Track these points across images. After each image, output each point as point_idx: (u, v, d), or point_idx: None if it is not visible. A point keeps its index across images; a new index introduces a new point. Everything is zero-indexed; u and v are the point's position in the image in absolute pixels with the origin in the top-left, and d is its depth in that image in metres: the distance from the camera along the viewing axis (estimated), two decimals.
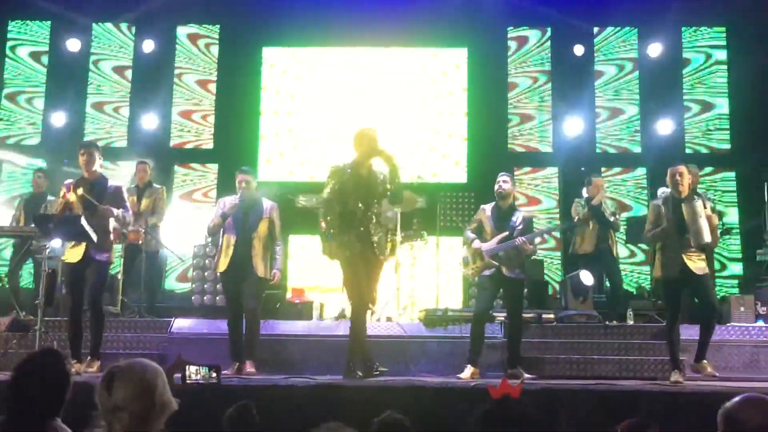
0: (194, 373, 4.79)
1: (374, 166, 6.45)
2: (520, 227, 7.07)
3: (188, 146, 11.87)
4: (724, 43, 11.93)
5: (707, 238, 6.44)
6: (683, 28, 11.91)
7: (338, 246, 6.32)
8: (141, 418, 2.63)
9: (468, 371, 6.81)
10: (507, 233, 7.00)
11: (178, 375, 4.49)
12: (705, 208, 6.56)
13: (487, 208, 7.20)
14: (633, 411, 5.15)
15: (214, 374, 4.91)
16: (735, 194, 11.44)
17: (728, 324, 8.01)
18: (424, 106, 11.82)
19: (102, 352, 6.61)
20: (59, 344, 6.73)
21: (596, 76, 11.95)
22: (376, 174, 6.43)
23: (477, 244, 7.05)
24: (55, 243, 6.55)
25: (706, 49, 11.95)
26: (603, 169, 11.38)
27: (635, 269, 11.24)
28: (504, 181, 7.13)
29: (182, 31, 12.06)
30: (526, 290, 8.00)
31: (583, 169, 11.01)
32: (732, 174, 11.56)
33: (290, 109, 11.87)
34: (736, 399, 2.70)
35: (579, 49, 11.66)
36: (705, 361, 6.55)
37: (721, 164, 11.60)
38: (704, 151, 11.69)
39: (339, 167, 6.42)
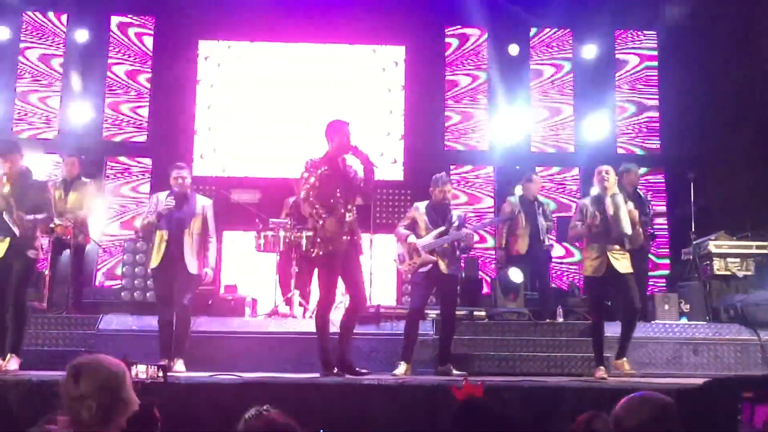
0: (142, 372, 4.75)
1: (348, 160, 6.43)
2: (456, 224, 7.15)
3: (121, 139, 11.63)
4: (655, 46, 12.23)
5: (627, 229, 6.67)
6: (616, 31, 12.16)
7: (322, 241, 6.23)
8: (105, 410, 2.68)
9: (402, 368, 6.82)
10: (443, 228, 7.06)
11: None
12: (626, 203, 6.79)
13: (421, 206, 7.20)
14: (557, 407, 5.27)
15: (161, 373, 4.87)
16: (664, 194, 11.75)
17: (653, 321, 8.23)
18: (361, 103, 11.81)
19: (25, 349, 6.46)
20: None
21: (532, 75, 12.13)
22: (351, 168, 6.42)
23: (413, 239, 7.06)
24: None
25: (638, 51, 12.24)
26: (537, 168, 11.60)
27: (569, 268, 11.45)
28: (448, 192, 7.19)
29: (116, 22, 11.81)
30: (459, 288, 8.07)
31: (517, 167, 11.17)
32: (661, 174, 11.87)
33: (226, 104, 11.75)
34: (623, 399, 2.75)
35: (514, 49, 11.83)
36: (624, 359, 6.74)
37: (651, 165, 11.88)
38: (635, 151, 11.96)
39: (315, 161, 6.35)
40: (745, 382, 3.32)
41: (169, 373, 6.36)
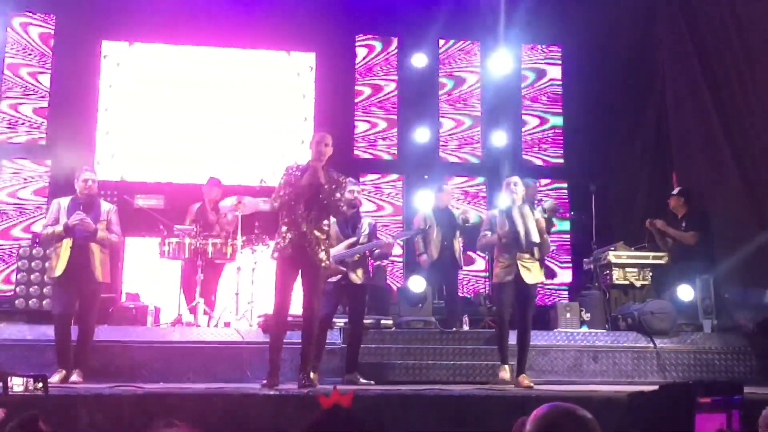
0: (18, 384, 4.55)
1: (325, 172, 6.29)
2: (366, 232, 7.21)
3: (18, 141, 11.13)
4: (559, 60, 12.57)
5: (536, 238, 6.86)
6: (522, 45, 12.43)
7: (278, 247, 6.21)
8: None
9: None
10: (354, 239, 7.13)
11: None
12: (533, 213, 6.99)
13: None
14: (462, 414, 5.32)
15: (40, 384, 4.67)
16: (567, 205, 12.05)
17: (555, 329, 8.41)
18: (271, 109, 11.71)
19: None
20: None
21: (440, 86, 12.27)
22: (326, 179, 6.26)
23: None
24: None
25: (544, 65, 12.56)
26: (445, 177, 11.77)
27: (474, 276, 11.60)
28: (352, 192, 7.19)
29: (14, 18, 11.34)
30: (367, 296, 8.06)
31: (426, 177, 11.25)
32: (564, 185, 12.18)
33: (129, 106, 11.41)
34: (542, 408, 2.74)
35: (420, 60, 11.92)
36: (524, 375, 6.86)
37: (555, 176, 12.19)
38: (539, 163, 12.26)
39: (291, 167, 6.35)
40: (702, 386, 3.35)
41: (65, 385, 6.19)
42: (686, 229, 9.01)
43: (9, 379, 4.49)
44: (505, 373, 6.78)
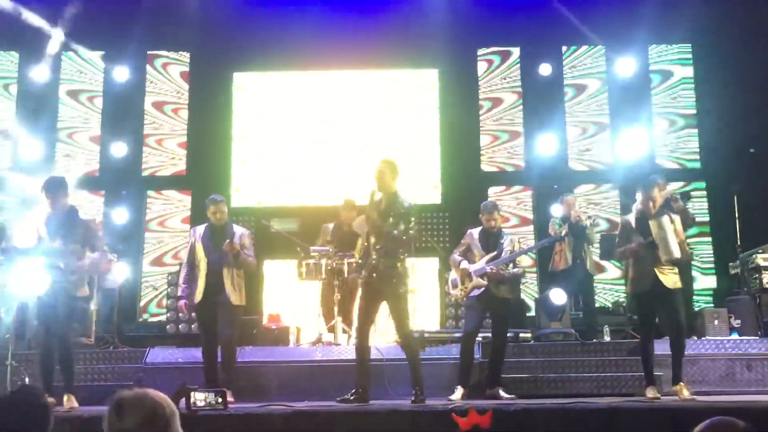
0: (201, 399, 4.72)
1: (396, 198, 6.51)
2: (509, 248, 7.21)
3: (161, 173, 11.76)
4: (690, 59, 12.10)
5: (677, 253, 6.48)
6: (650, 46, 12.06)
7: (360, 273, 6.55)
8: None
9: (458, 392, 6.81)
10: (495, 253, 7.15)
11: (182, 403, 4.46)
12: (672, 222, 6.59)
13: (475, 232, 7.31)
14: (610, 428, 5.17)
15: (220, 399, 4.84)
16: (706, 209, 11.55)
17: (703, 338, 8.07)
18: (396, 128, 11.84)
19: (77, 386, 6.48)
20: (31, 378, 6.61)
21: (566, 93, 12.07)
22: (393, 206, 6.46)
23: (465, 264, 7.16)
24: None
25: (673, 65, 12.14)
26: (577, 185, 11.55)
27: (612, 285, 11.29)
28: (494, 220, 7.26)
29: (153, 58, 12.00)
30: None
31: (555, 186, 11.07)
32: (702, 187, 11.68)
33: (262, 134, 11.84)
34: (704, 424, 2.62)
35: (546, 69, 11.78)
36: (681, 384, 6.47)
37: (692, 179, 11.71)
38: (674, 166, 11.82)
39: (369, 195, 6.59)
40: None
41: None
42: None
43: (192, 394, 4.64)
44: (652, 392, 6.46)
